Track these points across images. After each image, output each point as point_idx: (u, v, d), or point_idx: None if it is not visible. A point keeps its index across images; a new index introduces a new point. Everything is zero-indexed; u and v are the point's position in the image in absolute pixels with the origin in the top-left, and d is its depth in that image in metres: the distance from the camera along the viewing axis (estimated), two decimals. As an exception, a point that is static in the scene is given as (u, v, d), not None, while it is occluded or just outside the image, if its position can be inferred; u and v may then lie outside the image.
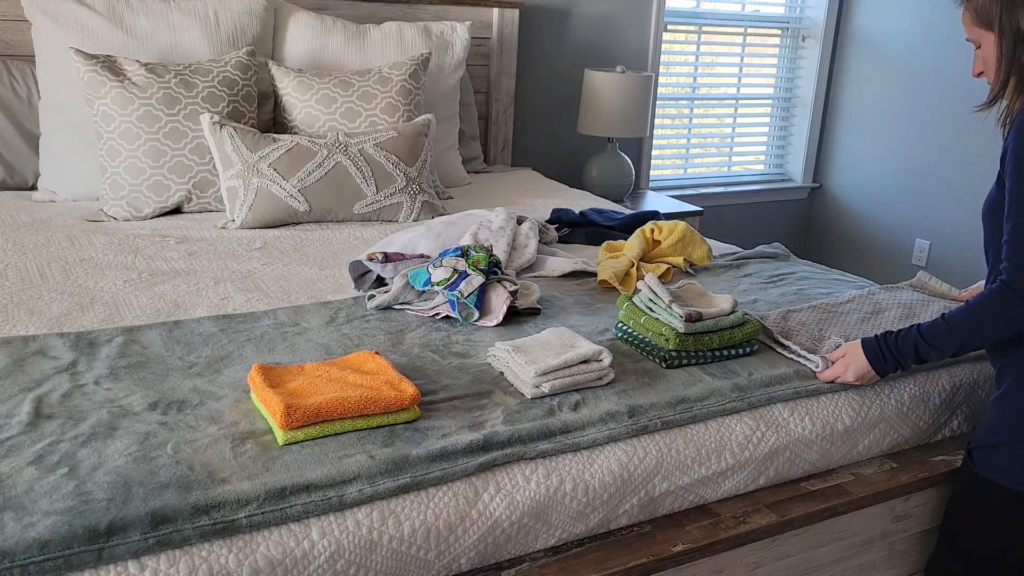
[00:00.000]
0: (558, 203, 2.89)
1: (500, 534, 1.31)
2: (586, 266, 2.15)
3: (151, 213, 2.45)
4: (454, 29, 3.10)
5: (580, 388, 1.52)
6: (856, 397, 1.68)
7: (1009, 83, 1.54)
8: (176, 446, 1.25)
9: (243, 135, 2.42)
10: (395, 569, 1.23)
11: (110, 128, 2.43)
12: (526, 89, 3.66)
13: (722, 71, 4.42)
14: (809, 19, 4.45)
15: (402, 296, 1.83)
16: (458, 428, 1.36)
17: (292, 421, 1.27)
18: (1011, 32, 1.51)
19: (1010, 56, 1.52)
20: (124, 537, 1.07)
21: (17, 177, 2.64)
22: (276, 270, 2.08)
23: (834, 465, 1.68)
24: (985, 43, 1.57)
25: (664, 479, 1.46)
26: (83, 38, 2.56)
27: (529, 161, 3.72)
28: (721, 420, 1.54)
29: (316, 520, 1.19)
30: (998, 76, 1.55)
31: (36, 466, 1.18)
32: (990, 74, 1.58)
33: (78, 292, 1.86)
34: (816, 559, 1.63)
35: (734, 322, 1.66)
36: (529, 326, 1.78)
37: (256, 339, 1.64)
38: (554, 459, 1.38)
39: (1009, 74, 1.53)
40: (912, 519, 1.74)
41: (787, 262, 2.36)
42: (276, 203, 2.40)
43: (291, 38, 2.88)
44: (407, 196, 2.55)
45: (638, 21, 3.87)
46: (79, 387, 1.41)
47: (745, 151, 4.61)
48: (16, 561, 1.02)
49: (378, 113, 2.69)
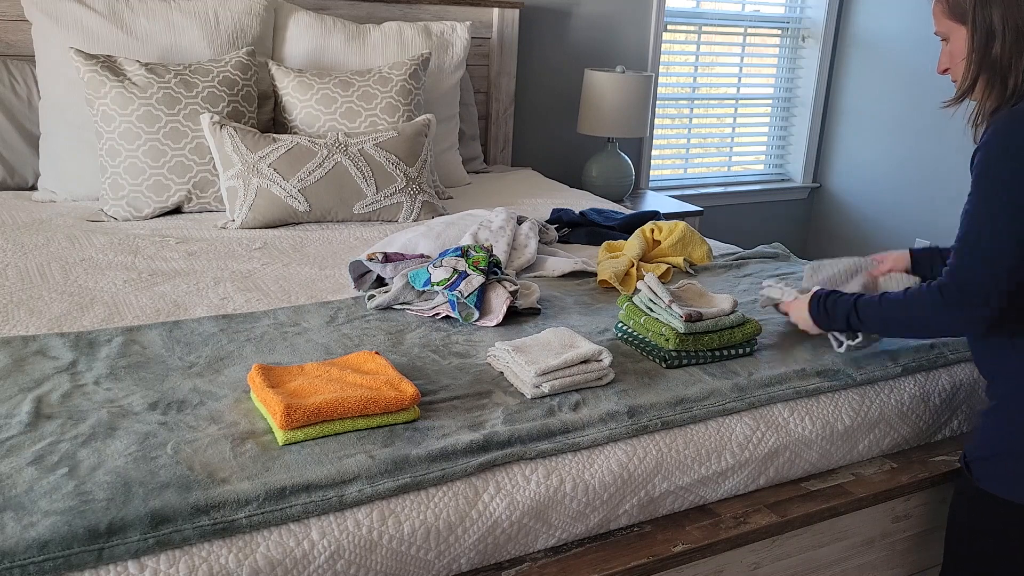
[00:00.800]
0: (558, 203, 2.89)
1: (500, 534, 1.31)
2: (586, 266, 2.15)
3: (151, 213, 2.45)
4: (454, 29, 3.10)
5: (580, 388, 1.52)
6: (856, 397, 1.68)
7: (979, 81, 1.51)
8: (176, 446, 1.25)
9: (243, 135, 2.42)
10: (395, 569, 1.23)
11: (110, 128, 2.43)
12: (526, 89, 3.66)
13: (722, 71, 4.42)
14: (809, 19, 4.45)
15: (402, 296, 1.83)
16: (458, 428, 1.36)
17: (292, 421, 1.27)
18: (983, 27, 1.48)
19: (981, 52, 1.49)
20: (124, 537, 1.07)
21: (17, 177, 2.64)
22: (276, 270, 2.08)
23: (834, 465, 1.68)
24: (955, 37, 1.54)
25: (664, 479, 1.46)
26: (83, 38, 2.56)
27: (529, 161, 3.72)
28: (721, 420, 1.54)
29: (316, 520, 1.19)
30: (967, 72, 1.51)
31: (36, 466, 1.18)
32: (956, 71, 1.55)
33: (78, 292, 1.86)
34: (816, 559, 1.63)
35: (734, 322, 1.66)
36: (529, 326, 1.78)
37: (256, 339, 1.64)
38: (554, 459, 1.38)
39: (979, 71, 1.50)
40: (912, 519, 1.74)
41: (787, 262, 2.36)
42: (276, 203, 2.40)
43: (291, 38, 2.88)
44: (407, 196, 2.55)
45: (638, 21, 3.87)
46: (79, 387, 1.41)
47: (745, 151, 4.61)
48: (16, 561, 1.02)
49: (378, 113, 2.69)
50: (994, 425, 1.54)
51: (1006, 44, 1.46)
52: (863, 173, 4.46)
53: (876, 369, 1.71)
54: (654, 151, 4.23)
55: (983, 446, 1.55)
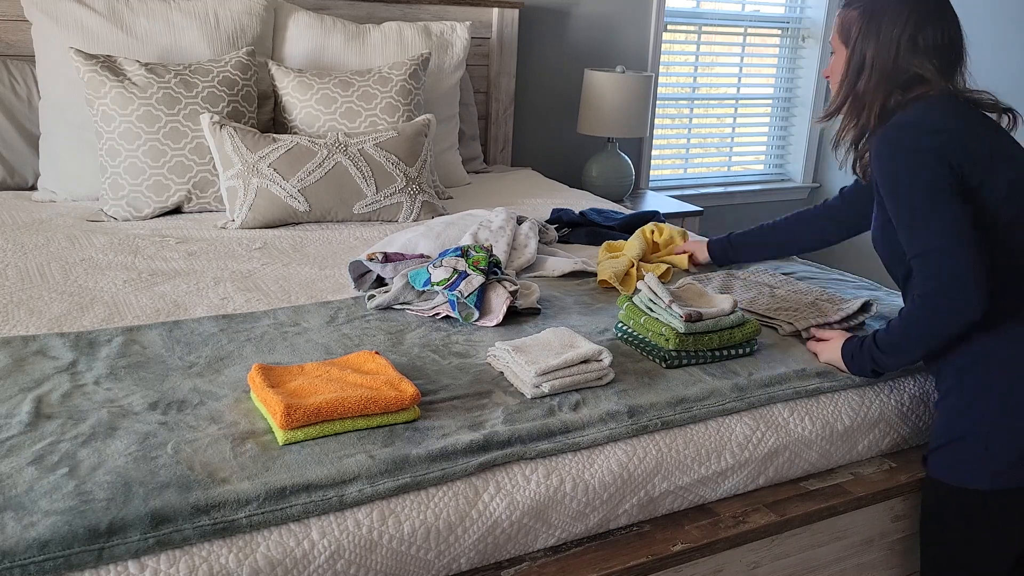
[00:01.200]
0: (558, 203, 2.89)
1: (500, 534, 1.31)
2: (586, 266, 2.15)
3: (151, 213, 2.45)
4: (454, 29, 3.10)
5: (580, 388, 1.52)
6: (856, 397, 1.68)
7: (845, 104, 1.62)
8: (176, 446, 1.25)
9: (243, 135, 2.42)
10: (395, 569, 1.23)
11: (110, 128, 2.43)
12: (526, 89, 3.66)
13: (722, 71, 4.42)
14: (809, 19, 4.45)
15: (402, 296, 1.83)
16: (458, 428, 1.36)
17: (292, 421, 1.27)
18: (858, 56, 1.58)
19: (852, 79, 1.60)
20: (124, 537, 1.07)
21: (17, 177, 2.64)
22: (276, 270, 2.08)
23: (834, 465, 1.68)
24: (837, 56, 1.65)
25: (664, 479, 1.46)
26: (83, 38, 2.56)
27: (529, 161, 3.72)
28: (721, 420, 1.54)
29: (316, 520, 1.19)
30: (837, 93, 1.64)
31: (36, 466, 1.18)
32: (833, 82, 1.66)
33: (78, 292, 1.86)
34: (815, 559, 1.63)
35: (734, 322, 1.67)
36: (529, 326, 1.78)
37: (256, 339, 1.64)
38: (554, 459, 1.38)
39: (847, 95, 1.61)
40: (911, 519, 1.74)
41: (787, 262, 2.36)
42: (276, 203, 2.40)
43: (291, 38, 2.88)
44: (407, 196, 2.55)
45: (638, 21, 3.87)
46: (79, 387, 1.41)
47: (745, 151, 4.61)
48: (16, 561, 1.02)
49: (378, 113, 2.69)
50: (942, 416, 1.60)
51: (871, 80, 1.58)
52: (863, 173, 4.46)
53: (876, 369, 1.71)
54: (654, 151, 4.23)
55: (934, 438, 1.61)
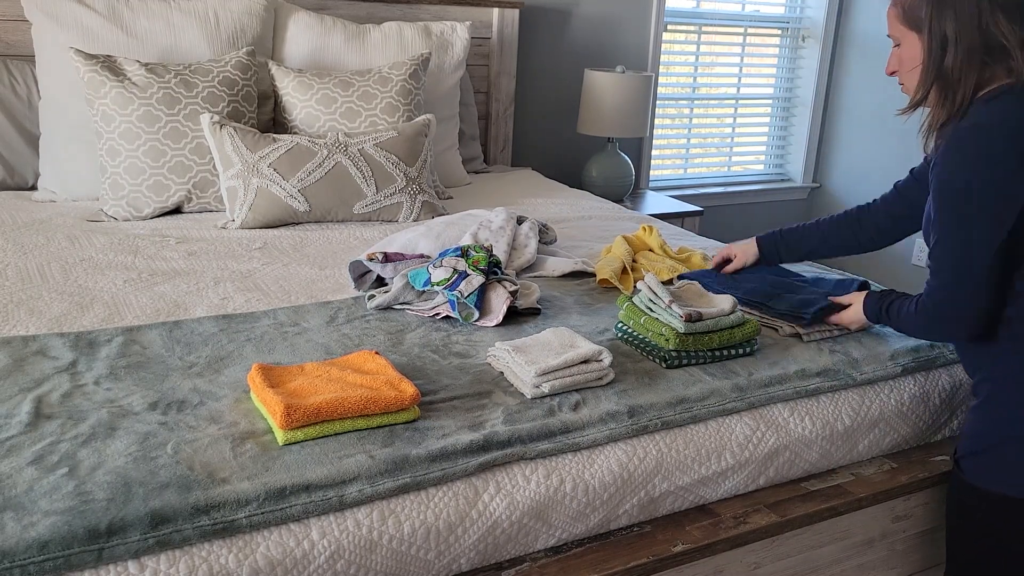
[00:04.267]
0: (558, 203, 2.89)
1: (500, 534, 1.31)
2: (586, 266, 2.15)
3: (151, 213, 2.45)
4: (454, 29, 3.10)
5: (580, 388, 1.51)
6: (856, 397, 1.68)
7: (932, 90, 1.51)
8: (176, 446, 1.25)
9: (243, 135, 2.42)
10: (395, 569, 1.23)
11: (110, 128, 2.43)
12: (526, 89, 3.66)
13: (722, 71, 4.42)
14: (809, 19, 4.45)
15: (402, 296, 1.83)
16: (458, 428, 1.36)
17: (292, 421, 1.27)
18: (938, 36, 1.47)
19: (936, 61, 1.48)
20: (124, 537, 1.07)
21: (17, 177, 2.63)
22: (276, 270, 2.08)
23: (834, 465, 1.68)
24: (907, 43, 1.54)
25: (664, 479, 1.46)
26: (83, 38, 2.56)
27: (529, 161, 3.72)
28: (721, 420, 1.54)
29: (316, 520, 1.19)
30: (921, 81, 1.52)
31: (36, 466, 1.18)
32: (905, 77, 1.56)
33: (78, 292, 1.86)
34: (816, 559, 1.63)
35: (734, 322, 1.66)
36: (529, 326, 1.77)
37: (256, 339, 1.64)
38: (554, 459, 1.38)
39: (932, 81, 1.50)
40: (912, 519, 1.74)
41: (787, 262, 2.35)
42: (276, 203, 2.40)
43: (291, 38, 2.88)
44: (407, 196, 2.55)
45: (638, 21, 3.87)
46: (79, 387, 1.41)
47: (745, 151, 4.61)
48: (16, 561, 1.02)
49: (378, 113, 2.69)
50: (980, 421, 1.57)
51: (958, 57, 1.47)
52: (863, 173, 4.46)
53: (876, 369, 1.71)
54: (654, 151, 4.23)
55: (971, 442, 1.58)
